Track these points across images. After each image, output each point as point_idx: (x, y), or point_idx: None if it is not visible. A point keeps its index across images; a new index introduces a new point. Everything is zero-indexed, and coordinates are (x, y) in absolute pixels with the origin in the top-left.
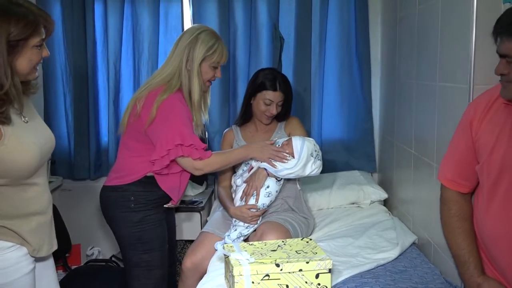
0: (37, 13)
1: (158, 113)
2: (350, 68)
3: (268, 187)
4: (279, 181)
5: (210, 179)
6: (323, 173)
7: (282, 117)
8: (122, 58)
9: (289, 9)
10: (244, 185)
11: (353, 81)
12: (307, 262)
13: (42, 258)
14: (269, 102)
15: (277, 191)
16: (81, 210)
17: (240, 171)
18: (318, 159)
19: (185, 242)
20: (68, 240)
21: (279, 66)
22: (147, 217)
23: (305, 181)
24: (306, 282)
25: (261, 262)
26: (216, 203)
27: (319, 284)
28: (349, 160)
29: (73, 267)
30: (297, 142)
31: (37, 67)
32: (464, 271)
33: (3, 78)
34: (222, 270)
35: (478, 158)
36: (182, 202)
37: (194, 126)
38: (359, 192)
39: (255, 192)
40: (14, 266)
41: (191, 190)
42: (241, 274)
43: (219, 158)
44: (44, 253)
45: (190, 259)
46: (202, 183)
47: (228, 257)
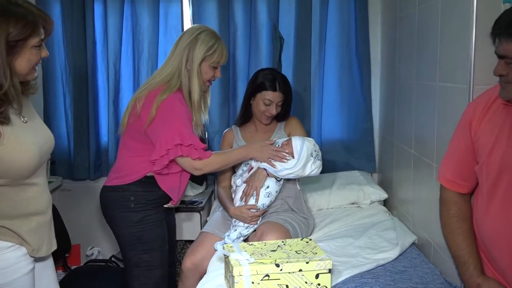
0: (36, 13)
1: (157, 113)
2: (350, 68)
3: (268, 187)
4: (279, 181)
5: (210, 179)
6: (323, 173)
7: (281, 117)
8: (122, 58)
9: (289, 9)
10: (244, 185)
11: (353, 81)
12: (307, 262)
13: (41, 258)
14: (268, 102)
15: (277, 191)
16: (81, 210)
17: (240, 171)
18: (318, 159)
19: (185, 242)
20: (67, 240)
21: (279, 66)
22: (147, 217)
23: (305, 181)
24: (306, 282)
25: (261, 262)
26: (216, 203)
27: (319, 284)
28: (349, 160)
29: (72, 267)
30: (296, 142)
31: (36, 68)
32: (463, 272)
33: (2, 78)
34: (222, 270)
35: (477, 159)
36: (182, 202)
37: (194, 126)
38: (359, 192)
39: (255, 192)
40: (13, 266)
41: (191, 190)
42: (241, 274)
43: (219, 158)
44: (43, 253)
45: (190, 259)
46: (202, 183)
47: (228, 257)
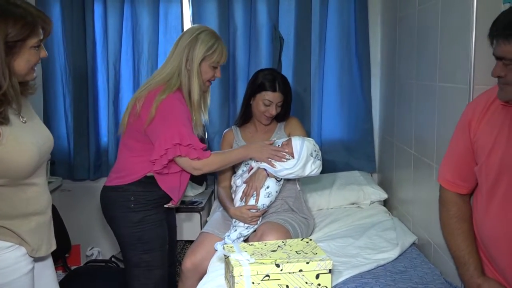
0: (35, 14)
1: (157, 112)
2: (350, 68)
3: (268, 188)
4: (279, 181)
5: (210, 180)
6: (323, 173)
7: (281, 117)
8: (121, 59)
9: (288, 9)
10: (244, 185)
11: (353, 81)
12: (307, 263)
13: (41, 258)
14: (268, 102)
15: (277, 192)
16: (80, 211)
17: (240, 172)
18: (318, 159)
19: (185, 242)
20: (67, 240)
21: (279, 67)
22: (147, 217)
23: (305, 181)
24: (307, 283)
25: (261, 263)
26: (216, 204)
27: (319, 284)
28: (349, 160)
29: (72, 268)
30: (296, 142)
31: (35, 68)
32: (464, 272)
33: (1, 79)
34: (222, 270)
35: (476, 159)
36: (182, 202)
37: (193, 126)
38: (359, 192)
39: (255, 192)
40: (12, 266)
41: (191, 190)
42: (241, 275)
43: (218, 158)
44: (43, 253)
45: (190, 260)
46: (201, 184)
47: (228, 257)
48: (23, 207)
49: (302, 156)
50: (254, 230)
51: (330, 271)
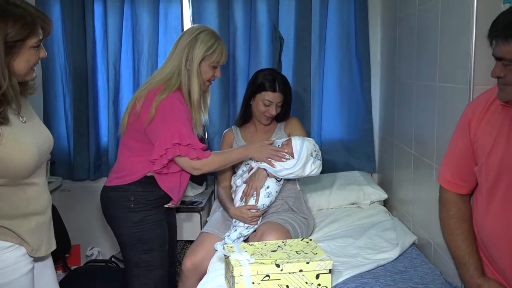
0: (34, 14)
1: (157, 112)
2: (350, 68)
3: (268, 188)
4: (279, 181)
5: (210, 180)
6: (323, 173)
7: (281, 117)
8: (121, 59)
9: (288, 9)
10: (244, 185)
11: (353, 81)
12: (308, 263)
13: (40, 258)
14: (268, 103)
15: (277, 192)
16: (80, 211)
17: (240, 172)
18: (318, 159)
19: (185, 242)
20: (67, 240)
21: (279, 67)
22: (147, 217)
23: (305, 181)
24: (307, 283)
25: (261, 263)
26: (216, 204)
27: (320, 284)
28: (349, 160)
29: (72, 268)
30: (296, 142)
31: (34, 68)
32: (464, 273)
33: (1, 79)
34: (222, 270)
35: (476, 160)
36: (182, 202)
37: (193, 125)
38: (359, 192)
39: (255, 192)
40: (12, 266)
41: (191, 190)
42: (241, 275)
43: (218, 158)
44: (42, 253)
45: (190, 260)
46: (201, 184)
47: (228, 257)
48: (23, 207)
49: (302, 156)
50: (254, 230)
51: (330, 271)
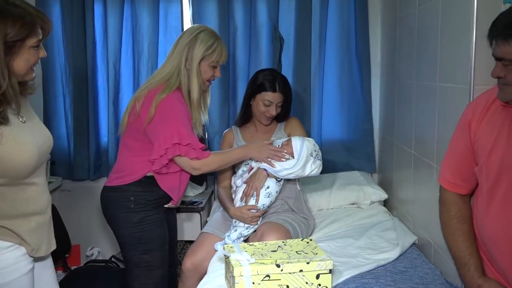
0: (34, 13)
1: (156, 112)
2: (350, 68)
3: (268, 188)
4: (279, 181)
5: (210, 180)
6: (323, 173)
7: (281, 117)
8: (121, 59)
9: (289, 9)
10: (244, 185)
11: (353, 81)
12: (308, 263)
13: (40, 258)
14: (268, 103)
15: (277, 192)
16: (80, 211)
17: (240, 172)
18: (318, 159)
19: (185, 242)
20: (67, 240)
21: (279, 67)
22: (147, 217)
23: (305, 181)
24: (307, 283)
25: (261, 263)
26: (216, 204)
27: (320, 284)
28: (349, 160)
29: (72, 268)
30: (296, 142)
31: (34, 68)
32: (464, 273)
33: (0, 79)
34: (222, 270)
35: (476, 160)
36: (182, 202)
37: (193, 125)
38: (359, 192)
39: (255, 192)
40: (12, 266)
41: (191, 190)
42: (241, 275)
43: (217, 158)
44: (42, 253)
45: (190, 260)
46: (201, 184)
47: (228, 257)
48: (23, 207)
49: (302, 156)
50: (254, 230)
51: (331, 271)
